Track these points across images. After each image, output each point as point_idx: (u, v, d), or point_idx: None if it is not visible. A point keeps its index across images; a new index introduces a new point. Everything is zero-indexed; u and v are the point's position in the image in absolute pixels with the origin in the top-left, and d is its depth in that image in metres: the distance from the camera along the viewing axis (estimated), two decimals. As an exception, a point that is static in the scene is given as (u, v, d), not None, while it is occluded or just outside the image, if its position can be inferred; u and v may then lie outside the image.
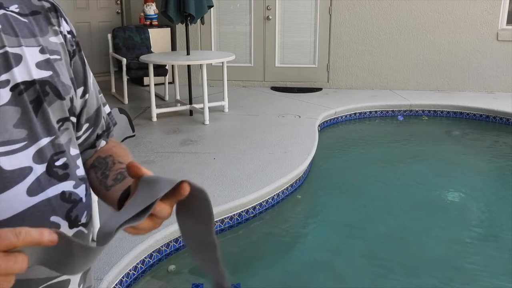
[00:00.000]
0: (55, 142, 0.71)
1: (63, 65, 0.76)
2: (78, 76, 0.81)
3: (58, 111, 0.73)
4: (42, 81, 0.71)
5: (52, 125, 0.71)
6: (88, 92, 0.84)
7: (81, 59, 0.82)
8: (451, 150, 4.72)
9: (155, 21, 6.73)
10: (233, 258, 2.80)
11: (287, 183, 3.44)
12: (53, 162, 0.71)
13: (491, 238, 3.08)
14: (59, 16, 0.79)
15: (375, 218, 3.26)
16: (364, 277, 2.63)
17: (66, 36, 0.78)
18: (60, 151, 0.72)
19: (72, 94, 0.76)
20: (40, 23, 0.75)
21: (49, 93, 0.71)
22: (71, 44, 0.79)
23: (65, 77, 0.75)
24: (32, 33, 0.72)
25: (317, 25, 6.44)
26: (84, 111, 0.84)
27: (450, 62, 6.35)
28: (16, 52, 0.69)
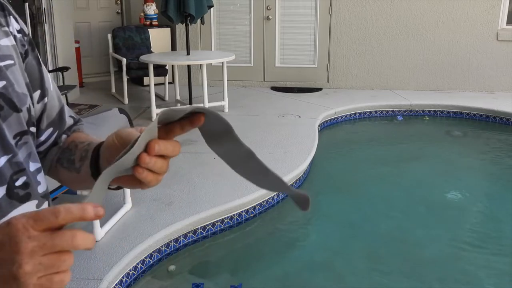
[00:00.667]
0: (13, 160, 0.65)
1: (18, 70, 0.69)
2: (33, 78, 0.74)
3: (15, 125, 0.66)
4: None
5: (9, 142, 0.65)
6: (47, 95, 0.77)
7: (35, 59, 0.76)
8: (451, 150, 4.72)
9: (155, 21, 6.73)
10: (233, 258, 2.80)
11: (287, 183, 3.43)
12: (13, 182, 0.65)
13: (491, 238, 3.08)
14: (7, 15, 0.71)
15: (375, 218, 3.26)
16: (364, 277, 2.63)
17: (16, 36, 0.71)
18: (19, 170, 0.66)
19: (28, 103, 0.70)
20: None
21: (4, 107, 0.64)
22: (22, 44, 0.72)
23: (20, 85, 0.68)
24: None
25: (317, 25, 6.44)
26: (44, 116, 0.78)
27: (450, 62, 6.35)
28: None
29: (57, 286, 0.48)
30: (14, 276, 0.46)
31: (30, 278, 0.46)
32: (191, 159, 3.79)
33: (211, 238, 2.87)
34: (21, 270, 0.46)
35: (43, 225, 0.47)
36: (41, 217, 0.47)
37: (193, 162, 3.72)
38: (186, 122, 0.60)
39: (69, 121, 0.84)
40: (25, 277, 0.46)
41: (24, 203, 0.66)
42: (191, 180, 3.33)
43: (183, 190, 3.14)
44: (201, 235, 2.85)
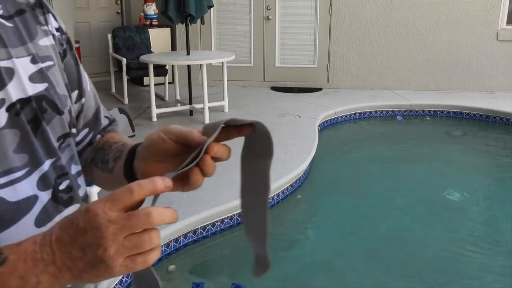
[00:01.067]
0: (57, 164, 0.65)
1: (57, 71, 0.69)
2: (71, 78, 0.73)
3: (58, 128, 0.66)
4: (38, 97, 0.63)
5: (53, 146, 0.65)
6: (84, 95, 0.77)
7: (73, 58, 0.75)
8: (451, 150, 4.72)
9: (155, 21, 6.73)
10: (233, 258, 2.80)
11: (287, 183, 3.44)
12: (57, 186, 0.65)
13: (491, 238, 3.08)
14: (46, 12, 0.70)
15: (375, 218, 3.26)
16: (364, 277, 2.63)
17: (55, 35, 0.70)
18: (62, 173, 0.66)
19: (69, 104, 0.69)
20: (28, 24, 0.67)
21: (47, 110, 0.64)
22: (60, 43, 0.71)
23: (60, 86, 0.68)
24: (20, 40, 0.64)
25: (317, 25, 6.44)
26: (80, 116, 0.77)
27: (450, 62, 6.35)
28: (7, 66, 0.61)
29: (141, 266, 0.50)
30: (100, 259, 0.48)
31: (115, 260, 0.48)
32: (191, 159, 3.79)
33: (211, 238, 2.87)
34: (107, 253, 0.48)
35: (120, 205, 0.48)
36: (117, 198, 0.49)
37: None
38: (234, 130, 0.60)
39: (104, 121, 0.83)
40: (111, 259, 0.48)
41: (68, 207, 0.66)
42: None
43: (183, 190, 3.14)
44: (201, 235, 2.85)
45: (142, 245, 0.49)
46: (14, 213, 0.60)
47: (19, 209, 0.60)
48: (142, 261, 0.50)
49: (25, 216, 0.61)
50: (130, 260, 0.49)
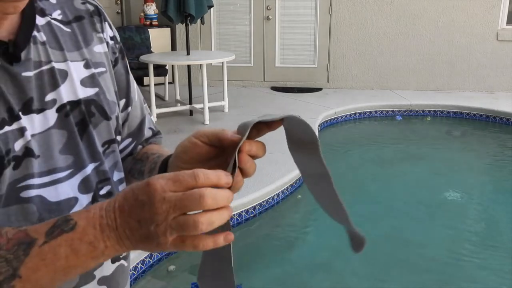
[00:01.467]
0: (100, 168, 0.67)
1: (108, 78, 0.70)
2: (120, 87, 0.75)
3: (104, 133, 0.67)
4: (88, 101, 0.65)
5: (97, 150, 0.66)
6: (131, 104, 0.77)
7: (124, 67, 0.76)
8: (451, 150, 4.72)
9: (155, 21, 6.73)
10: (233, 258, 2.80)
11: (287, 183, 3.44)
12: (98, 191, 0.66)
13: (491, 238, 3.08)
14: (103, 21, 0.72)
15: (375, 218, 3.26)
16: (364, 277, 2.63)
17: (109, 43, 0.72)
18: (104, 179, 0.67)
19: (117, 111, 0.70)
20: (85, 30, 0.69)
21: (95, 114, 0.66)
22: (113, 52, 0.73)
23: (110, 93, 0.70)
24: (76, 45, 0.67)
25: (317, 25, 6.44)
26: (125, 126, 0.78)
27: (450, 62, 6.35)
28: (62, 68, 0.64)
29: (190, 249, 0.51)
30: (153, 234, 0.49)
31: (166, 237, 0.49)
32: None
33: (211, 238, 2.86)
34: (158, 229, 0.48)
35: (181, 187, 0.49)
36: (179, 179, 0.49)
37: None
38: (264, 126, 0.60)
39: (148, 133, 0.84)
40: (162, 236, 0.49)
41: None
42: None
43: (183, 190, 3.14)
44: (201, 235, 2.85)
45: (187, 228, 0.49)
46: (54, 213, 0.60)
47: (59, 210, 0.61)
48: (191, 244, 0.50)
49: None
50: (180, 240, 0.50)
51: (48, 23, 0.65)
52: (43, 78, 0.61)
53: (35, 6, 0.64)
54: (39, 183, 0.60)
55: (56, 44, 0.64)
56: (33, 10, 0.63)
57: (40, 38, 0.63)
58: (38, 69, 0.61)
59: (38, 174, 0.59)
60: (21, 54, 0.59)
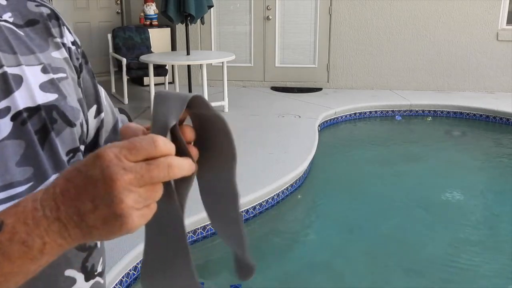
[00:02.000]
0: None
1: (70, 85, 0.64)
2: (88, 93, 0.70)
3: (68, 141, 0.62)
4: (48, 106, 0.59)
5: (61, 159, 0.60)
6: (103, 110, 0.73)
7: (89, 73, 0.71)
8: (451, 150, 4.72)
9: (155, 21, 6.73)
10: (233, 258, 2.80)
11: (287, 183, 3.44)
12: None
13: (491, 238, 3.08)
14: (61, 25, 0.67)
15: (375, 218, 3.26)
16: (364, 277, 2.63)
17: (70, 48, 0.67)
18: None
19: (81, 118, 0.65)
20: (39, 35, 0.64)
21: (57, 120, 0.60)
22: (76, 58, 0.68)
23: (72, 99, 0.64)
24: (30, 48, 0.61)
25: (317, 25, 6.44)
26: (102, 132, 0.73)
27: (450, 62, 6.35)
28: (16, 73, 0.57)
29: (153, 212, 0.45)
30: (115, 213, 0.43)
31: (133, 212, 0.43)
32: (191, 159, 3.79)
33: (211, 238, 2.87)
34: (123, 205, 0.42)
35: (139, 156, 0.43)
36: (137, 147, 0.43)
37: (193, 162, 3.72)
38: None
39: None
40: (128, 212, 0.43)
41: None
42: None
43: (183, 190, 3.14)
44: (201, 235, 2.85)
45: (155, 196, 0.44)
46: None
47: None
48: (154, 206, 0.45)
49: None
50: (146, 209, 0.44)
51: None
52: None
53: None
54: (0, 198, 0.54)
55: (7, 47, 0.58)
56: None
57: None
58: None
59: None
60: None
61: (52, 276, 0.58)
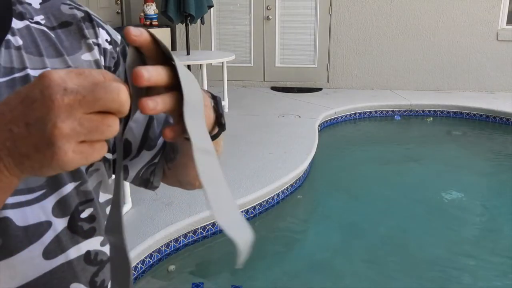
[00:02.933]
0: (81, 188, 0.58)
1: None
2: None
3: None
4: None
5: (79, 168, 0.57)
6: None
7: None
8: (451, 150, 4.72)
9: (155, 21, 6.73)
10: (234, 258, 2.80)
11: (287, 183, 3.44)
12: (78, 214, 0.58)
13: (491, 238, 3.08)
14: (95, 26, 0.66)
15: (375, 218, 3.26)
16: (364, 277, 2.63)
17: (106, 48, 0.66)
18: (86, 200, 0.59)
19: None
20: (71, 37, 0.63)
21: None
22: (112, 56, 0.66)
23: None
24: (59, 51, 0.60)
25: (317, 25, 6.44)
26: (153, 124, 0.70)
27: (450, 62, 6.35)
28: None
29: (98, 155, 0.39)
30: (47, 140, 0.37)
31: (67, 141, 0.37)
32: (191, 159, 3.79)
33: (211, 238, 2.86)
34: (57, 130, 0.37)
35: (86, 81, 0.38)
36: (86, 72, 0.39)
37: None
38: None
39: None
40: (62, 140, 0.37)
41: (87, 239, 0.58)
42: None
43: (183, 190, 3.14)
44: (201, 235, 2.85)
45: (105, 130, 0.38)
46: (20, 239, 0.52)
47: (26, 236, 0.53)
48: (101, 148, 0.39)
49: (32, 244, 0.53)
50: (87, 145, 0.38)
51: (27, 27, 0.59)
52: (15, 86, 0.54)
53: (12, 9, 0.58)
54: (9, 202, 0.52)
55: (34, 49, 0.58)
56: (9, 13, 0.58)
57: (15, 42, 0.57)
58: (9, 76, 0.54)
59: None
60: None
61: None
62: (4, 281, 0.52)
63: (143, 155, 0.71)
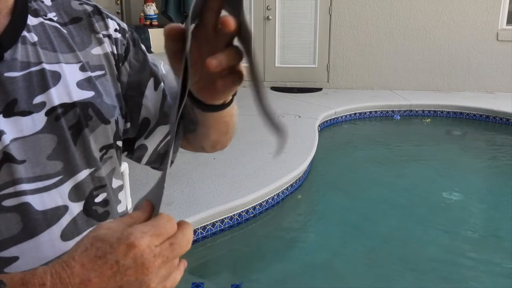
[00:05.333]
0: (95, 175, 0.63)
1: (108, 81, 0.66)
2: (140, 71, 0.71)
3: (102, 138, 0.63)
4: (84, 103, 0.61)
5: (93, 155, 0.62)
6: (163, 79, 0.73)
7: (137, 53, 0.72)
8: (451, 150, 4.72)
9: (155, 21, 6.73)
10: (234, 258, 2.81)
11: (287, 183, 3.44)
12: (92, 198, 0.62)
13: (491, 238, 3.08)
14: (105, 18, 0.70)
15: (375, 218, 3.26)
16: (364, 277, 2.63)
17: (117, 38, 0.69)
18: (100, 185, 0.63)
19: (116, 115, 0.66)
20: (82, 32, 0.66)
21: (92, 117, 0.62)
22: (122, 44, 0.70)
23: (109, 96, 0.65)
24: (71, 47, 0.63)
25: (317, 25, 6.44)
26: (166, 102, 0.73)
27: (450, 62, 6.35)
28: (54, 70, 0.60)
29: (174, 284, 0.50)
30: None
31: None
32: (191, 159, 3.79)
33: (211, 238, 2.87)
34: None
35: (164, 238, 0.46)
36: (163, 232, 0.46)
37: (193, 162, 3.72)
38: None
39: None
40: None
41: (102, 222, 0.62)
42: (191, 180, 3.33)
43: (183, 190, 3.14)
44: (201, 235, 2.85)
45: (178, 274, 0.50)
46: (39, 222, 0.56)
47: (45, 219, 0.56)
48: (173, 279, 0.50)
49: (50, 227, 0.57)
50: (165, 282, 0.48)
51: (41, 24, 0.62)
52: (32, 79, 0.58)
53: (28, 6, 0.61)
54: (29, 189, 0.56)
55: (49, 45, 0.61)
56: (25, 10, 0.61)
57: (31, 38, 0.60)
58: (26, 70, 0.58)
59: (26, 179, 0.56)
60: (4, 53, 0.57)
61: None
62: (27, 262, 0.55)
63: (160, 129, 0.74)
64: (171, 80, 0.76)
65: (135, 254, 0.43)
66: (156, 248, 0.45)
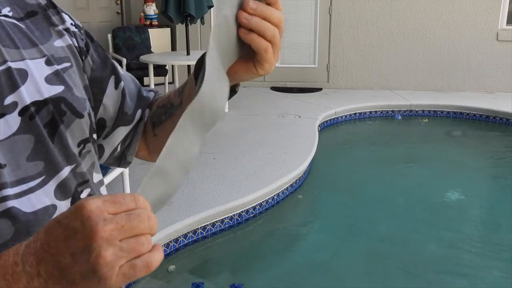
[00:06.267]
0: (77, 171, 0.61)
1: (75, 73, 0.65)
2: (102, 67, 0.70)
3: (78, 132, 0.62)
4: (56, 99, 0.59)
5: (72, 152, 0.61)
6: (122, 79, 0.74)
7: (97, 49, 0.72)
8: (451, 151, 4.72)
9: (155, 21, 6.73)
10: (234, 258, 2.81)
11: (287, 183, 3.44)
12: (78, 195, 0.61)
13: (491, 238, 3.08)
14: (60, 12, 0.67)
15: (375, 218, 3.26)
16: (364, 277, 2.63)
17: (75, 31, 0.67)
18: (83, 181, 0.62)
19: (88, 108, 0.64)
20: (40, 25, 0.63)
21: (66, 112, 0.60)
22: (81, 38, 0.68)
23: (79, 89, 0.64)
24: (32, 41, 0.61)
25: (317, 25, 6.44)
26: (126, 101, 0.73)
27: (450, 62, 6.35)
28: (20, 67, 0.57)
29: (143, 272, 0.42)
30: (93, 268, 0.40)
31: (112, 267, 0.40)
32: (191, 159, 3.79)
33: (211, 238, 2.87)
34: (101, 259, 0.40)
35: (121, 209, 0.42)
36: (120, 201, 0.42)
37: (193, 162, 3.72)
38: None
39: (150, 95, 0.80)
40: (106, 267, 0.40)
41: None
42: (191, 180, 3.33)
43: (183, 190, 3.14)
44: (201, 235, 2.85)
45: (141, 248, 0.42)
46: (31, 224, 0.55)
47: (37, 220, 0.55)
48: (144, 265, 0.42)
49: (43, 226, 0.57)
50: (129, 267, 0.41)
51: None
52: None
53: None
54: (13, 193, 0.54)
55: (10, 42, 0.58)
56: None
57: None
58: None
59: (10, 184, 0.54)
60: None
61: None
62: None
63: (119, 130, 0.74)
64: (129, 81, 0.76)
65: (82, 215, 0.41)
66: (108, 214, 0.41)
